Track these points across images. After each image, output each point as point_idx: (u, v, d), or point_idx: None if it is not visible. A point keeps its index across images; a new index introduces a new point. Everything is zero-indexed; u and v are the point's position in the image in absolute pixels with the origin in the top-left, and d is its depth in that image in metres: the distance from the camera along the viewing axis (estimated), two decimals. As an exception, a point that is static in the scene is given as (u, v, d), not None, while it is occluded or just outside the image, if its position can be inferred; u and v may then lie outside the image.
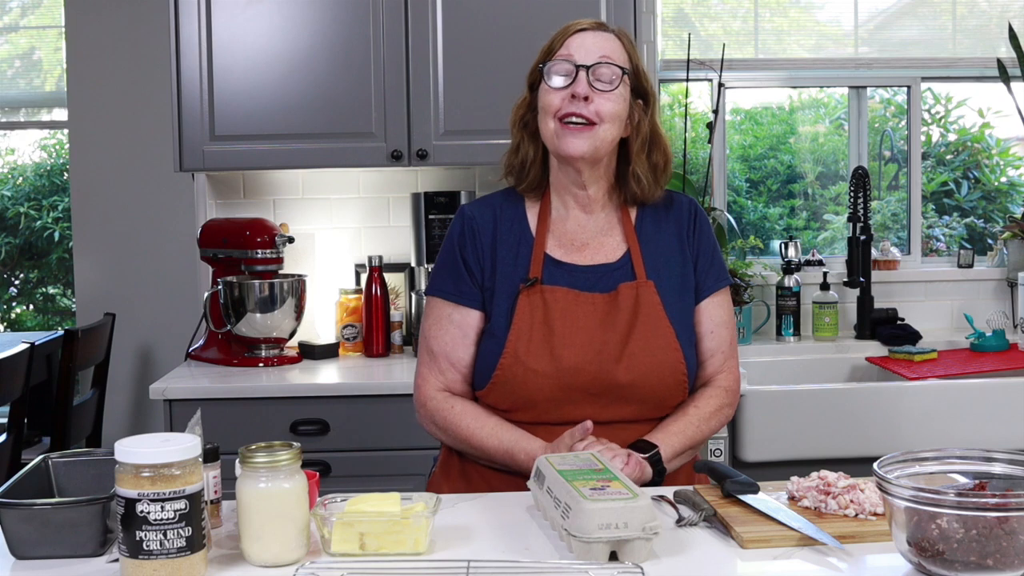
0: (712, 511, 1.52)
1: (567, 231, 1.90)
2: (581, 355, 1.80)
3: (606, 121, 1.81)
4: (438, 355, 1.89)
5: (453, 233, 1.93)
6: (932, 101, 3.98)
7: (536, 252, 1.87)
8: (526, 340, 1.81)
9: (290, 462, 1.38)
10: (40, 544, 1.40)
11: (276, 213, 3.36)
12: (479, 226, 1.90)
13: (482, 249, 1.89)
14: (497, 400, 1.85)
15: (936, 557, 1.24)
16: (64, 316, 6.16)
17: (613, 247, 1.90)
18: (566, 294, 1.84)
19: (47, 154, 6.22)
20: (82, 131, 3.86)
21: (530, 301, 1.83)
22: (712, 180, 3.62)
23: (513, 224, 1.91)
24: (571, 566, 1.33)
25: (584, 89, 1.79)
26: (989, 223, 3.93)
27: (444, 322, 1.89)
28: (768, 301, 3.50)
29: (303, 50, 3.00)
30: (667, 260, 1.90)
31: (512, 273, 1.87)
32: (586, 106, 1.79)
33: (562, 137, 1.81)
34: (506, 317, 1.84)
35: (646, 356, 1.81)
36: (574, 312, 1.83)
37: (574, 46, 1.83)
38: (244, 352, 3.04)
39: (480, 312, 1.88)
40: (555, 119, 1.81)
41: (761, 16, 3.72)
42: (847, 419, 2.83)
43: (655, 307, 1.84)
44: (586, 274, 1.87)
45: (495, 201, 1.95)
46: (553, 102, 1.81)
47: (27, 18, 5.71)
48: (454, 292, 1.89)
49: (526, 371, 1.80)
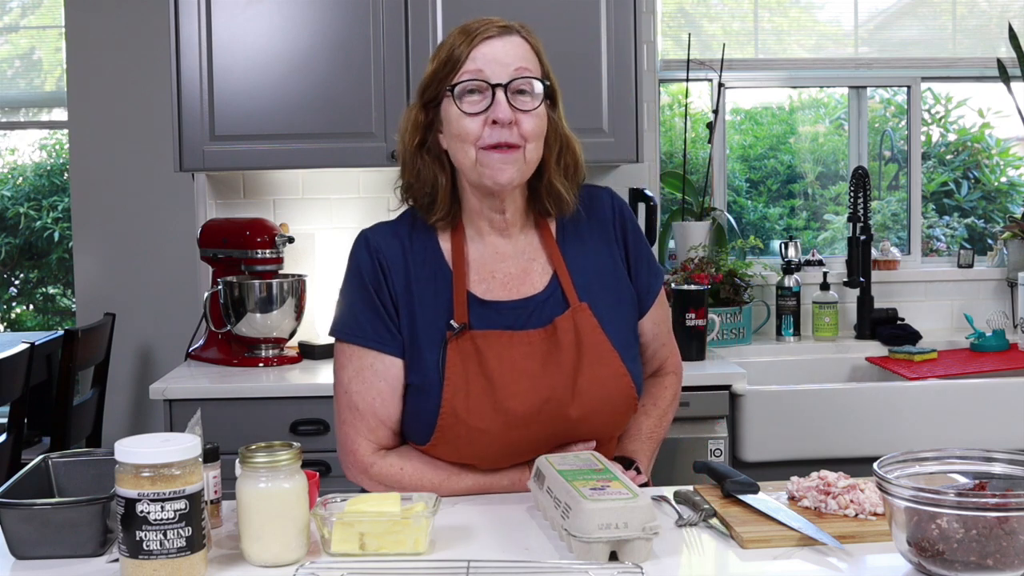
0: (712, 511, 1.52)
1: (486, 262, 1.71)
2: (529, 404, 1.63)
3: (531, 141, 1.63)
4: (365, 413, 1.67)
5: (361, 266, 1.70)
6: (932, 101, 3.98)
7: (458, 292, 1.67)
8: (463, 395, 1.62)
9: (290, 462, 1.38)
10: (40, 544, 1.40)
11: (276, 213, 3.36)
12: (388, 261, 1.69)
13: (394, 288, 1.68)
14: (445, 455, 1.68)
15: (936, 557, 1.24)
16: (64, 316, 6.17)
17: (538, 273, 1.72)
18: (499, 337, 1.65)
19: (47, 154, 6.23)
20: (82, 131, 3.86)
21: (460, 350, 1.63)
22: (712, 180, 3.62)
23: (427, 257, 1.70)
24: (571, 566, 1.33)
25: (507, 114, 1.59)
26: (989, 223, 3.93)
27: (367, 373, 1.67)
28: (768, 301, 3.50)
29: (303, 50, 3.00)
30: (597, 272, 1.74)
31: (434, 317, 1.66)
32: (510, 132, 1.60)
33: (486, 166, 1.61)
34: (436, 370, 1.64)
35: (596, 390, 1.66)
36: (511, 356, 1.64)
37: (482, 59, 1.62)
38: (244, 352, 3.04)
39: (403, 360, 1.67)
40: (475, 148, 1.61)
41: (761, 16, 3.72)
42: (847, 419, 2.83)
43: (595, 333, 1.68)
44: (516, 311, 1.68)
45: (401, 230, 1.73)
46: (471, 129, 1.61)
47: (27, 18, 5.72)
48: (374, 338, 1.67)
49: (470, 431, 1.62)
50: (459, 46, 1.64)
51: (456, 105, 1.63)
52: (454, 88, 1.63)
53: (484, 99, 1.62)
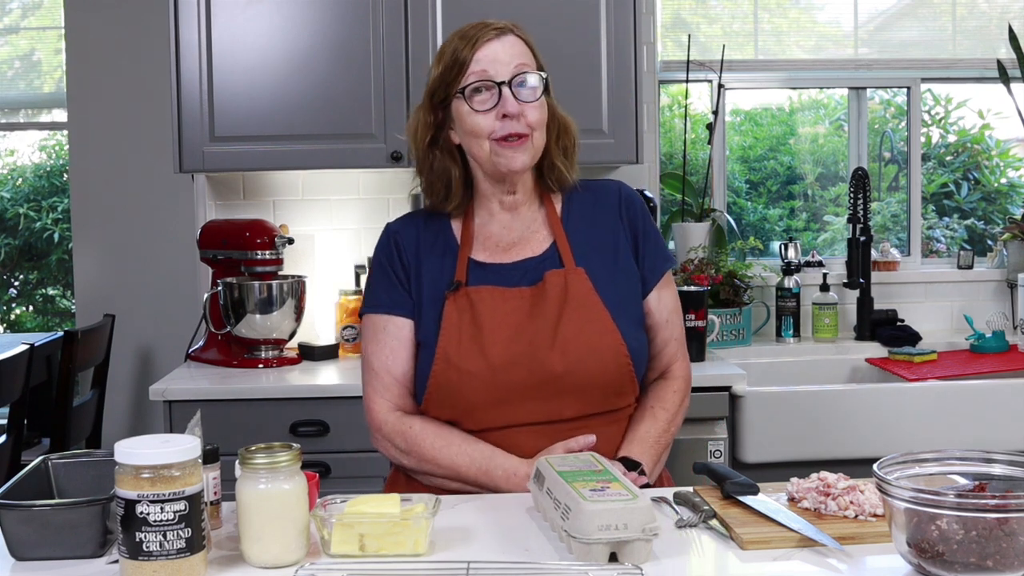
0: (712, 512, 1.52)
1: (492, 235, 1.87)
2: (511, 348, 1.76)
3: (536, 128, 1.79)
4: (379, 371, 1.84)
5: (380, 248, 1.90)
6: (932, 102, 3.98)
7: (461, 259, 1.84)
8: (455, 343, 1.77)
9: (290, 463, 1.38)
10: (40, 545, 1.40)
11: (276, 214, 3.36)
12: (403, 240, 1.88)
13: (407, 261, 1.86)
14: (437, 411, 1.80)
15: (936, 558, 1.24)
16: (64, 317, 6.17)
17: (539, 241, 1.87)
18: (492, 292, 1.80)
19: (47, 155, 6.23)
20: (82, 132, 3.87)
21: (456, 305, 1.80)
22: (712, 181, 3.62)
23: (438, 236, 1.88)
24: (571, 567, 1.33)
25: (515, 107, 1.76)
26: (989, 224, 3.93)
27: (380, 335, 1.85)
28: (768, 302, 3.50)
29: (303, 50, 3.00)
30: (598, 246, 1.86)
31: (439, 281, 1.83)
32: (518, 122, 1.77)
33: (501, 155, 1.78)
34: (435, 324, 1.80)
35: (580, 341, 1.76)
36: (502, 309, 1.79)
37: (485, 60, 1.78)
38: (244, 353, 3.04)
39: (413, 321, 1.84)
40: (489, 140, 1.78)
41: (761, 17, 3.72)
42: (847, 420, 2.83)
43: (586, 292, 1.80)
44: (512, 271, 1.84)
45: (417, 217, 1.92)
46: (484, 125, 1.77)
47: (27, 19, 5.72)
48: (386, 303, 1.85)
49: (460, 374, 1.75)
50: (462, 50, 1.79)
51: (467, 105, 1.78)
52: (464, 90, 1.78)
53: (491, 96, 1.77)
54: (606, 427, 1.80)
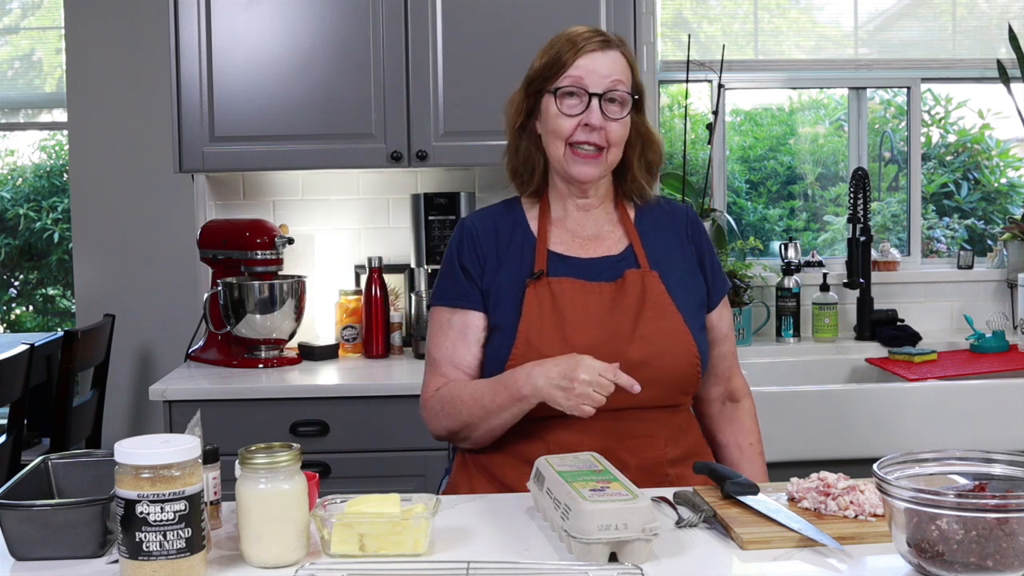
0: (712, 512, 1.52)
1: (568, 228, 1.93)
2: (593, 337, 1.81)
3: (614, 145, 1.86)
4: (440, 361, 1.90)
5: (452, 243, 1.96)
6: (932, 102, 3.98)
7: (540, 249, 1.90)
8: (537, 328, 1.82)
9: (290, 463, 1.38)
10: (40, 545, 1.40)
11: (276, 214, 3.36)
12: (479, 233, 1.93)
13: (483, 253, 1.91)
14: None
15: (936, 558, 1.24)
16: (64, 317, 6.16)
17: (615, 241, 1.93)
18: (572, 284, 1.86)
19: (47, 155, 6.22)
20: (82, 132, 3.86)
21: (537, 293, 1.85)
22: (712, 181, 3.62)
23: (515, 229, 1.94)
24: (571, 567, 1.33)
25: (599, 120, 1.83)
26: (989, 224, 3.93)
27: (444, 327, 1.91)
28: (768, 302, 3.50)
29: (303, 51, 3.00)
30: (668, 255, 1.93)
31: (518, 271, 1.89)
32: (598, 134, 1.84)
33: (572, 163, 1.85)
34: (515, 311, 1.85)
35: (657, 336, 1.83)
36: (583, 300, 1.85)
37: (584, 68, 1.84)
38: (244, 353, 3.04)
39: (481, 313, 1.89)
40: (565, 144, 1.85)
41: (761, 17, 3.72)
42: (847, 420, 2.82)
43: (661, 294, 1.87)
44: (591, 266, 1.89)
45: (493, 211, 1.98)
46: (565, 128, 1.84)
47: (27, 19, 5.71)
48: (453, 296, 1.91)
49: (540, 357, 1.78)
50: (566, 52, 1.86)
51: (555, 104, 1.85)
52: (556, 91, 1.85)
53: (580, 103, 1.84)
54: (666, 419, 1.86)
